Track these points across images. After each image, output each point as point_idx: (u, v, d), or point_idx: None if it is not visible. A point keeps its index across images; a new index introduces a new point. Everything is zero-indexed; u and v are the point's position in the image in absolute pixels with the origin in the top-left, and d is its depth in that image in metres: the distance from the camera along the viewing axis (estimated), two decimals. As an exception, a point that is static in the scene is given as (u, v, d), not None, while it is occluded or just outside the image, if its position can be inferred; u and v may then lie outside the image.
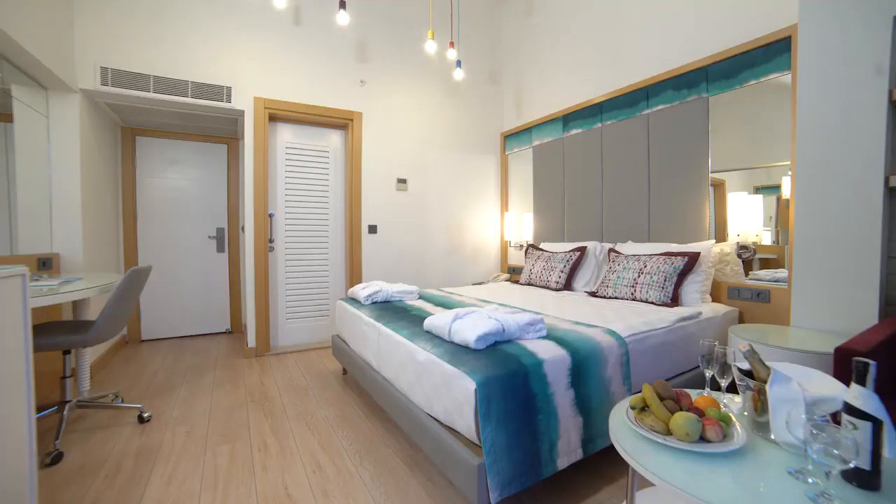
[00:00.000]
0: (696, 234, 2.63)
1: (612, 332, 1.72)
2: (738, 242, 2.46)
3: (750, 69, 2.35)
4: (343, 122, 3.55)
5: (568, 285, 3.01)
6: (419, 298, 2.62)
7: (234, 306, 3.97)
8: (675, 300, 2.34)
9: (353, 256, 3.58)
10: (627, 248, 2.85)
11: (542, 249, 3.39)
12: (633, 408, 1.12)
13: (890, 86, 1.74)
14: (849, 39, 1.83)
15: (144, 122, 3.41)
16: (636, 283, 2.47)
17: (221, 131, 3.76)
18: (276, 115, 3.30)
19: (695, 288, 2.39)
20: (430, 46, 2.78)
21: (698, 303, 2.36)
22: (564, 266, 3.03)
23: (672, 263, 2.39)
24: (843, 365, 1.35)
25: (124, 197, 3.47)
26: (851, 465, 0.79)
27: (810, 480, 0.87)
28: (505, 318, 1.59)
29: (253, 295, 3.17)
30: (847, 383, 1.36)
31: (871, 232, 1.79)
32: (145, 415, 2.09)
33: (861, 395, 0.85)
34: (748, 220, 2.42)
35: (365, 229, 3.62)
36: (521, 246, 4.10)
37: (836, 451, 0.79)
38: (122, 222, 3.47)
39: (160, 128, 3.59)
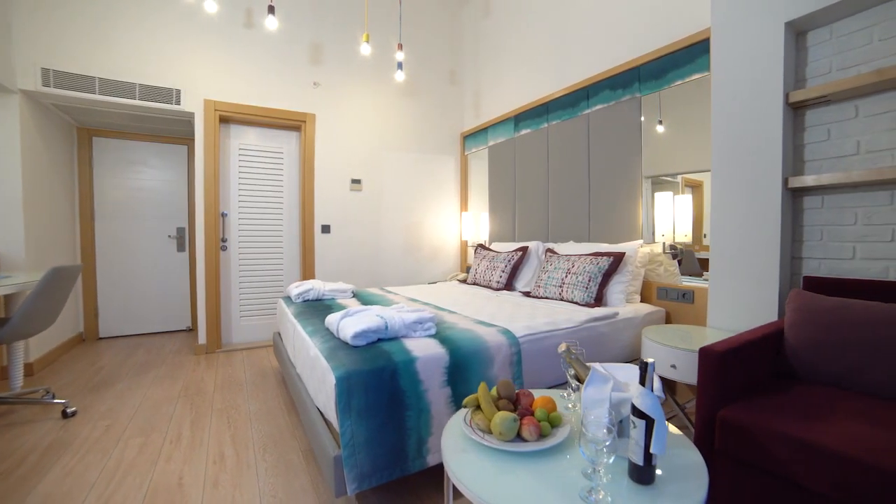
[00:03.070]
0: (630, 235, 2.64)
1: (506, 332, 1.75)
2: (664, 243, 2.47)
3: (675, 69, 2.37)
4: (296, 124, 3.59)
5: (509, 285, 3.04)
6: (352, 297, 2.66)
7: (194, 304, 4.02)
8: (599, 300, 2.35)
9: (307, 256, 3.62)
10: (565, 248, 2.87)
11: (489, 249, 3.42)
12: (464, 406, 1.15)
13: (786, 88, 1.76)
14: (752, 43, 1.85)
15: (98, 123, 3.46)
16: (563, 284, 2.49)
17: (180, 132, 3.81)
18: (228, 116, 3.35)
19: (620, 288, 2.40)
20: (365, 49, 2.81)
21: (622, 303, 2.38)
22: (506, 266, 3.05)
23: (597, 264, 2.40)
24: (706, 364, 1.38)
25: (81, 196, 3.53)
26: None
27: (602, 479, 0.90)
28: (391, 317, 1.62)
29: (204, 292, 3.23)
30: (709, 381, 1.39)
31: (773, 232, 1.81)
32: (69, 410, 2.14)
33: (640, 395, 0.88)
34: (676, 220, 2.43)
35: (318, 229, 3.66)
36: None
37: (604, 450, 0.82)
38: (78, 222, 3.53)
39: (116, 129, 3.65)
